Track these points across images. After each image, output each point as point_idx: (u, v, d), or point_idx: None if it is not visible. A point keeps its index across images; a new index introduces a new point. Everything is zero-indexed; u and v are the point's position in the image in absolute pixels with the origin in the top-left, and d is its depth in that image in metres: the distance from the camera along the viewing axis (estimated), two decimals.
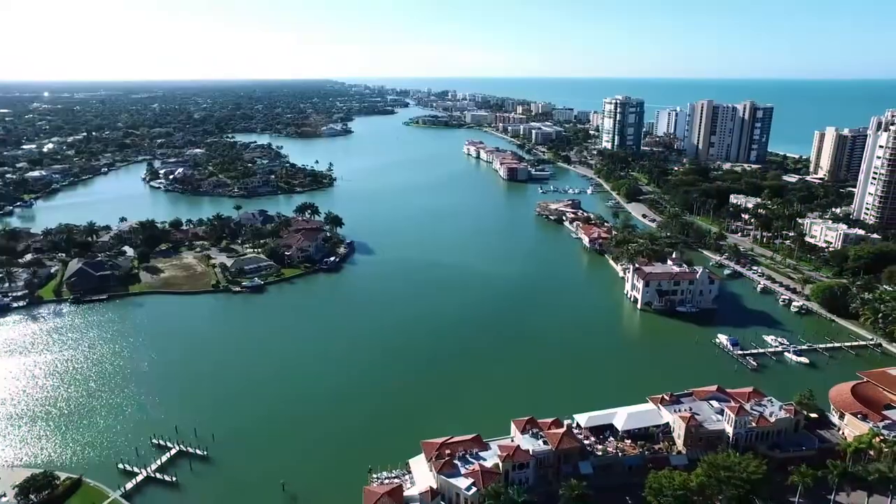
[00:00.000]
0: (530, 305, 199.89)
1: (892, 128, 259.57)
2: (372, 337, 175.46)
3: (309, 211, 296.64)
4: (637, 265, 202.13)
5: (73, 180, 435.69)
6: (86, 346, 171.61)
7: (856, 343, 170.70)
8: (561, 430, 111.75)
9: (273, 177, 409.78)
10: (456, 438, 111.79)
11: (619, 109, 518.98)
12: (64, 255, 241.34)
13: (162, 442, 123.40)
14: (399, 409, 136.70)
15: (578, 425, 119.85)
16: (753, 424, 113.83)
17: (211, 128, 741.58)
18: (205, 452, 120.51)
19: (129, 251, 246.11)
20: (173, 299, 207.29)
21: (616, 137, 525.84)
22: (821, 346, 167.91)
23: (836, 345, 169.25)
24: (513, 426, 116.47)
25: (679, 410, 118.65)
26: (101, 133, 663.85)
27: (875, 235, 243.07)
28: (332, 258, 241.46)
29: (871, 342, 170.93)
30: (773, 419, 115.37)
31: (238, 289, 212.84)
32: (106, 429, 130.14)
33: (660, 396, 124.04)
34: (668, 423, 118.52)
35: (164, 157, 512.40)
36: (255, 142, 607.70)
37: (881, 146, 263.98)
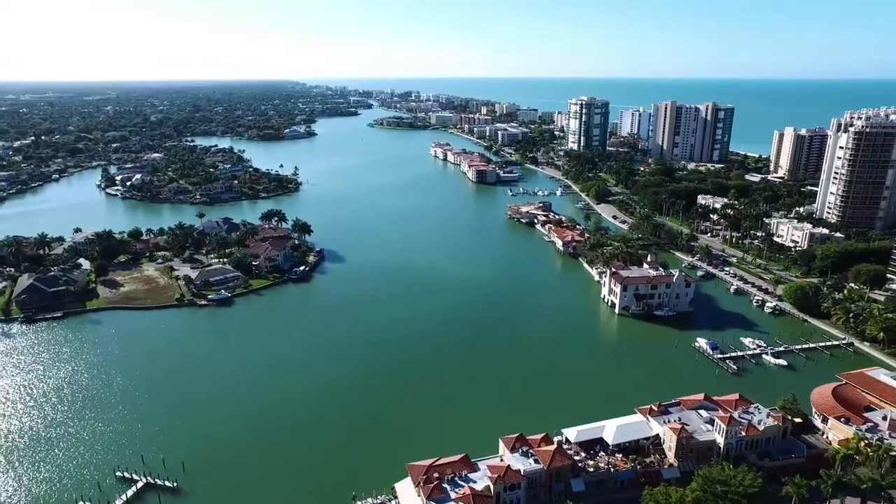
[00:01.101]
0: (507, 313, 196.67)
1: (851, 129, 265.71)
2: (347, 351, 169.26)
3: (276, 218, 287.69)
4: (614, 269, 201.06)
5: (22, 188, 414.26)
6: (40, 369, 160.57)
7: (829, 343, 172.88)
8: (552, 448, 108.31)
9: (236, 182, 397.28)
10: (443, 460, 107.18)
11: (584, 110, 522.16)
12: (12, 269, 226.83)
13: (127, 474, 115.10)
14: (380, 429, 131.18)
15: (567, 440, 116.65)
16: (743, 434, 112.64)
17: (169, 131, 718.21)
18: (174, 484, 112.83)
19: (86, 264, 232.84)
20: (135, 315, 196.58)
21: (582, 138, 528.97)
22: (796, 347, 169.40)
23: (811, 345, 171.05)
24: (501, 444, 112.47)
25: (668, 421, 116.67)
26: (50, 137, 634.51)
27: (838, 234, 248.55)
28: (301, 267, 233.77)
29: (844, 342, 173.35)
30: (761, 427, 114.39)
31: (204, 302, 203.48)
32: (65, 462, 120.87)
33: (648, 407, 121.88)
34: (657, 435, 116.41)
35: (121, 162, 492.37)
36: (216, 145, 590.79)
37: (841, 147, 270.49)
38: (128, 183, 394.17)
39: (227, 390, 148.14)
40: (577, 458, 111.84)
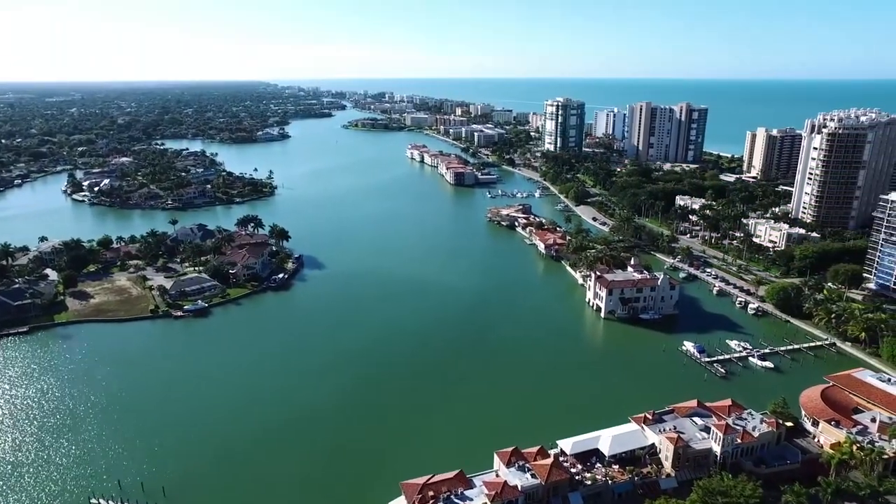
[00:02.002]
0: (493, 318, 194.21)
1: (824, 131, 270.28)
2: (330, 364, 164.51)
3: (252, 224, 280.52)
4: (598, 273, 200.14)
5: None
6: (5, 387, 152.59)
7: (812, 344, 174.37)
8: (549, 461, 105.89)
9: (209, 187, 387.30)
10: (438, 477, 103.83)
11: (560, 111, 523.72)
12: None
13: (103, 501, 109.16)
14: (370, 446, 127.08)
15: (563, 452, 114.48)
16: (739, 441, 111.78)
17: (138, 134, 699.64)
18: None
19: (53, 275, 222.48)
20: (107, 328, 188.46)
21: (558, 139, 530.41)
22: (781, 348, 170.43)
23: (795, 346, 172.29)
24: (496, 459, 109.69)
25: (664, 430, 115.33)
26: (11, 141, 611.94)
27: (815, 234, 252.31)
28: (280, 275, 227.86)
29: (826, 342, 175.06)
30: (756, 434, 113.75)
31: (180, 313, 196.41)
32: (36, 489, 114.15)
33: (642, 416, 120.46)
34: (653, 444, 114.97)
35: (87, 166, 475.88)
36: (188, 149, 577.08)
37: (815, 148, 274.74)
38: (95, 188, 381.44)
39: (207, 408, 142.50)
40: (573, 470, 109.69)
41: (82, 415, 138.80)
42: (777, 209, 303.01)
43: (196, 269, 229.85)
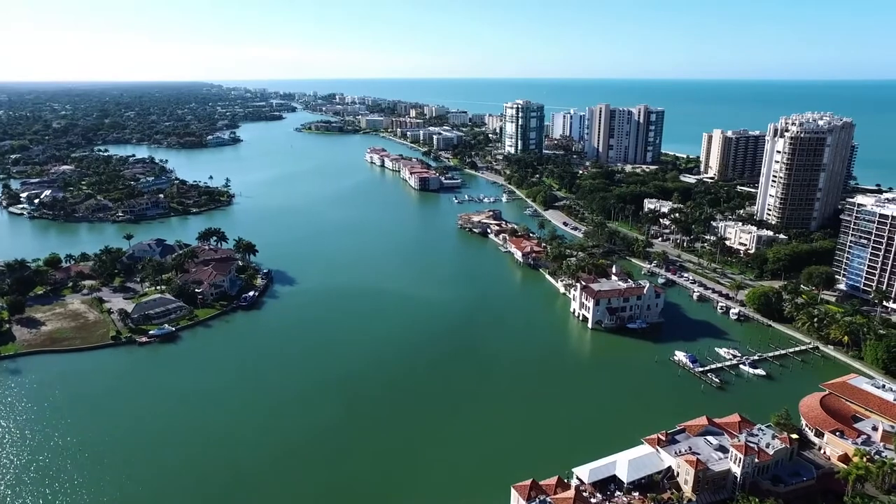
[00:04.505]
0: (479, 334, 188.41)
1: (787, 134, 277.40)
2: (312, 389, 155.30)
3: (215, 237, 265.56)
4: (584, 283, 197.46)
5: None
6: None
7: (797, 348, 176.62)
8: (570, 495, 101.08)
9: (162, 196, 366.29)
10: None
11: (521, 114, 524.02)
12: None
13: None
14: (366, 482, 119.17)
15: (580, 480, 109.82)
16: (756, 460, 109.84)
17: (77, 139, 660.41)
18: None
19: None
20: (62, 359, 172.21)
21: (519, 142, 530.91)
22: (769, 354, 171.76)
23: (781, 351, 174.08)
24: (514, 494, 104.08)
25: (679, 452, 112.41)
26: None
27: (782, 236, 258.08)
28: (251, 293, 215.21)
29: (809, 346, 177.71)
30: (771, 452, 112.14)
31: (145, 339, 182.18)
32: None
33: (655, 437, 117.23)
34: (669, 468, 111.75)
35: (24, 176, 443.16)
36: (134, 155, 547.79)
37: (779, 151, 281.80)
38: (36, 200, 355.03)
39: (183, 444, 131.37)
40: (593, 500, 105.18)
41: (47, 463, 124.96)
42: (742, 211, 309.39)
43: (158, 288, 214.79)
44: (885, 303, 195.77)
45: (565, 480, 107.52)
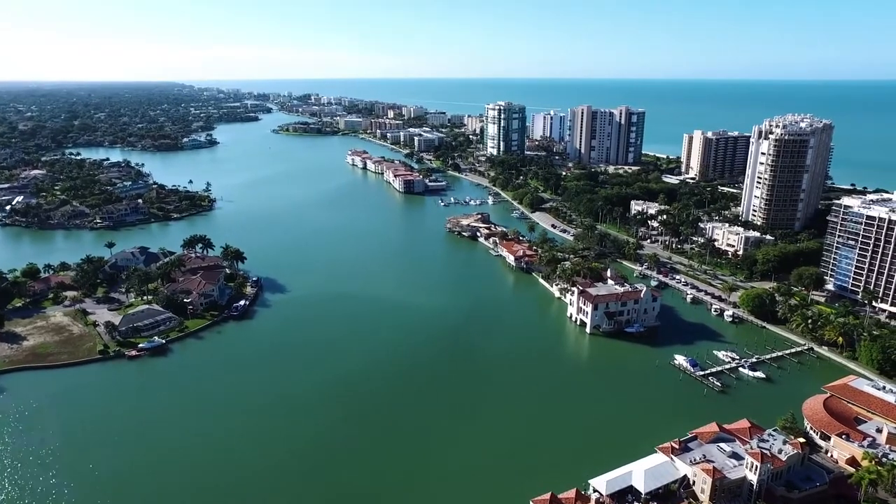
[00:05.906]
0: (476, 341, 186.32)
1: (771, 136, 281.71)
2: (311, 400, 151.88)
3: (201, 244, 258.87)
4: (581, 287, 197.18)
5: None
6: None
7: (793, 350, 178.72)
8: None
9: (141, 202, 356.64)
10: None
11: (503, 115, 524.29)
12: None
13: None
14: (375, 498, 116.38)
15: (598, 492, 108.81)
16: (771, 467, 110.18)
17: (46, 142, 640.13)
18: None
19: None
20: (47, 377, 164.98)
21: (501, 143, 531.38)
22: (767, 357, 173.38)
23: (778, 353, 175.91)
24: None
25: (694, 460, 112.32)
26: None
27: (769, 237, 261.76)
28: (242, 302, 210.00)
29: (804, 347, 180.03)
30: (784, 458, 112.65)
31: (135, 352, 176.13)
32: None
33: (668, 445, 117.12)
34: (685, 476, 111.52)
35: None
36: (108, 158, 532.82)
37: (763, 153, 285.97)
38: (7, 207, 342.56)
39: (181, 461, 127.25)
40: None
41: (42, 492, 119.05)
42: (727, 212, 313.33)
43: (144, 299, 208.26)
44: (873, 303, 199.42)
45: (583, 493, 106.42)
